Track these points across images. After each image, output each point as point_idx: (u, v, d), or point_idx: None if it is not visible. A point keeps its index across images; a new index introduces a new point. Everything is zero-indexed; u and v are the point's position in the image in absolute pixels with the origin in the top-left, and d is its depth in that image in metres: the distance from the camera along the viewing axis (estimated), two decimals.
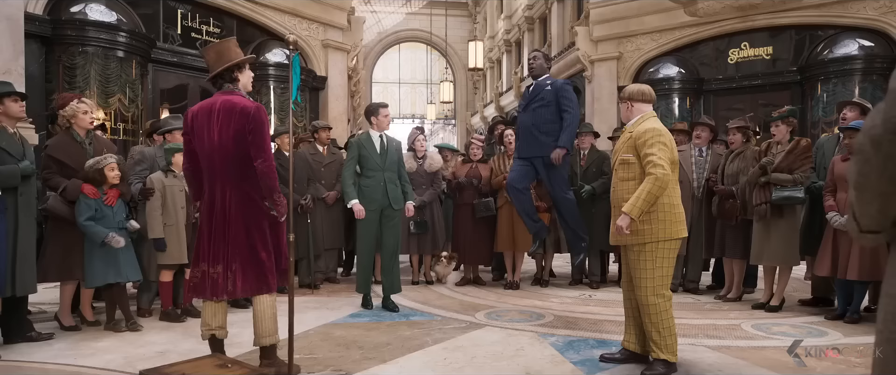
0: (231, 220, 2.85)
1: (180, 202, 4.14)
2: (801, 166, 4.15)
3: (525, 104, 4.90)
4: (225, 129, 2.83)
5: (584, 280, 5.63)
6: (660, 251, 2.97)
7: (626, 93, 3.20)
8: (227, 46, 3.01)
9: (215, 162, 2.87)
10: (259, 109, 2.87)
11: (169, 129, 4.53)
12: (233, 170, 2.85)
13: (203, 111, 2.91)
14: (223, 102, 2.87)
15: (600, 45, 10.72)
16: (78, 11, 7.03)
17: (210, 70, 2.96)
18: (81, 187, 3.76)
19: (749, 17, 9.21)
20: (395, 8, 20.28)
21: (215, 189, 2.89)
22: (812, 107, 8.75)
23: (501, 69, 18.29)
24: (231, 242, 2.85)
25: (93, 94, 7.00)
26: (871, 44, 8.28)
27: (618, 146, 3.20)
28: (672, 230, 2.98)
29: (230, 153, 2.83)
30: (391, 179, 4.51)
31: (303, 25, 9.74)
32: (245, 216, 2.86)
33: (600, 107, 10.62)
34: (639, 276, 3.01)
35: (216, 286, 2.88)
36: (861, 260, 3.72)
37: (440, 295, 5.09)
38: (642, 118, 3.10)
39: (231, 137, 2.82)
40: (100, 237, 3.73)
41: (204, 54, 3.06)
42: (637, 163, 3.02)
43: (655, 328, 2.97)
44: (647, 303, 2.98)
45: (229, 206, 2.85)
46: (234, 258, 2.85)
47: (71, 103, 3.96)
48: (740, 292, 4.75)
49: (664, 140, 2.98)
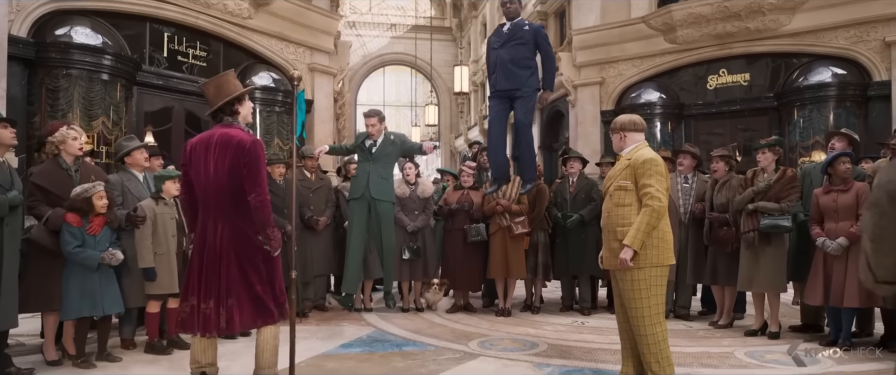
0: (223, 254, 2.81)
1: (171, 230, 4.05)
2: (788, 195, 4.25)
3: (502, 42, 5.22)
4: (220, 162, 2.82)
5: (574, 306, 5.64)
6: (653, 277, 3.01)
7: (618, 123, 3.25)
8: (226, 80, 3.01)
9: (210, 195, 2.85)
10: (255, 143, 2.86)
11: (126, 152, 4.33)
12: (227, 203, 2.83)
13: (201, 143, 2.90)
14: (220, 135, 2.86)
15: (583, 70, 10.91)
16: (63, 34, 6.95)
17: (210, 104, 2.95)
18: (64, 216, 3.66)
19: (726, 44, 9.48)
20: (380, 32, 20.45)
21: (208, 222, 2.86)
22: (789, 132, 8.98)
23: (485, 92, 18.49)
24: (224, 277, 2.80)
25: (76, 117, 6.89)
26: (843, 72, 8.57)
27: (613, 172, 3.24)
28: (663, 256, 3.04)
29: (224, 186, 2.81)
30: (377, 171, 4.83)
31: (289, 49, 9.75)
32: (238, 250, 2.82)
33: (584, 131, 10.77)
34: (635, 305, 3.03)
35: (208, 321, 2.81)
36: (858, 287, 3.79)
37: (432, 323, 5.05)
38: (638, 147, 3.16)
39: (226, 171, 2.80)
40: (94, 260, 3.62)
41: (203, 89, 3.06)
42: (634, 191, 3.07)
43: (655, 358, 2.98)
44: (646, 334, 2.99)
45: (222, 240, 2.82)
46: (228, 293, 2.79)
47: (61, 129, 3.88)
48: (731, 318, 4.80)
49: (661, 170, 3.05)
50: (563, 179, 5.71)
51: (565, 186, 5.55)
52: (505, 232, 5.25)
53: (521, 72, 5.06)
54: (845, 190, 3.95)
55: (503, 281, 5.43)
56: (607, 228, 3.18)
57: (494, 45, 5.31)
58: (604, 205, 3.29)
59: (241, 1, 8.68)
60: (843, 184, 3.96)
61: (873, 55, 8.29)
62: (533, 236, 5.39)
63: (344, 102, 11.85)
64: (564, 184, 5.57)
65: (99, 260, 3.64)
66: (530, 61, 5.14)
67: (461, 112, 20.16)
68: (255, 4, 8.94)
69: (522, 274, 5.35)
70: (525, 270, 5.34)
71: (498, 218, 5.30)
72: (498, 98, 5.19)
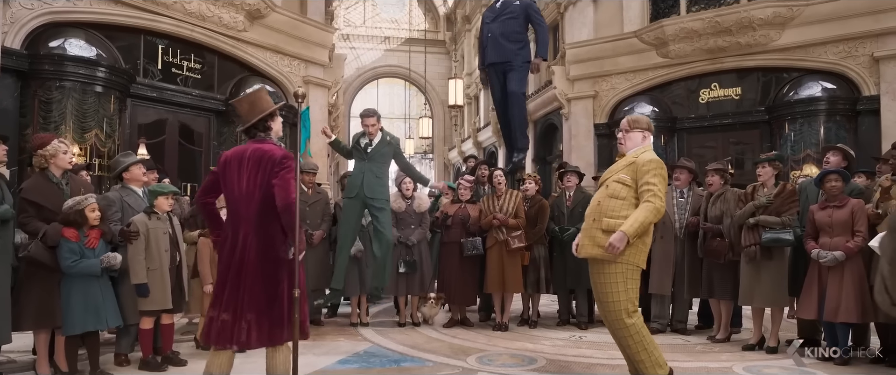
0: (249, 268, 2.85)
1: (164, 245, 4.00)
2: (788, 209, 4.28)
3: (494, 16, 5.51)
4: (252, 177, 2.89)
5: (571, 320, 5.62)
6: (628, 272, 3.09)
7: (643, 122, 3.31)
8: (259, 96, 3.11)
9: (240, 208, 2.91)
10: (286, 155, 2.95)
11: (124, 167, 4.28)
12: (256, 216, 2.88)
13: (235, 157, 2.98)
14: (254, 150, 2.94)
15: (577, 83, 10.99)
16: (56, 46, 6.93)
17: (243, 121, 3.04)
18: (62, 231, 3.62)
19: (718, 59, 9.59)
20: (374, 44, 20.52)
21: (237, 234, 2.91)
22: (780, 146, 9.06)
23: (479, 105, 18.56)
24: (247, 291, 2.83)
25: (69, 130, 6.86)
26: (833, 86, 8.69)
27: (615, 167, 3.30)
28: (638, 258, 3.12)
29: (255, 200, 2.88)
30: (372, 170, 4.89)
31: (284, 62, 9.75)
32: (263, 265, 2.85)
33: (578, 144, 10.83)
34: (611, 299, 3.09)
35: (225, 333, 2.83)
36: (853, 302, 3.81)
37: (429, 338, 5.01)
38: (646, 149, 3.23)
39: (258, 184, 2.87)
40: (95, 268, 3.59)
41: (236, 106, 3.17)
42: (632, 188, 3.12)
43: (642, 347, 3.04)
44: (626, 325, 3.06)
45: (249, 253, 2.86)
46: (249, 307, 2.81)
47: (53, 142, 3.84)
48: (729, 332, 4.81)
49: (664, 174, 3.11)
50: (560, 194, 5.72)
51: (562, 200, 5.56)
52: (502, 247, 5.24)
53: (511, 46, 5.33)
54: (840, 206, 3.98)
55: (500, 296, 5.41)
56: (593, 216, 3.20)
57: (487, 19, 5.59)
58: (595, 195, 3.33)
59: (236, 14, 8.69)
60: (837, 201, 3.99)
61: (862, 70, 8.42)
62: (534, 251, 5.38)
63: (338, 115, 11.87)
64: (561, 199, 5.58)
65: (100, 265, 3.59)
66: (521, 35, 5.40)
67: (455, 125, 20.21)
68: (251, 17, 8.95)
69: (519, 288, 5.34)
70: (522, 284, 5.32)
71: (495, 232, 5.29)
72: (493, 72, 5.42)
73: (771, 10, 8.77)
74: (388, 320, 5.88)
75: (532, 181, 5.58)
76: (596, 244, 3.12)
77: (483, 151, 17.21)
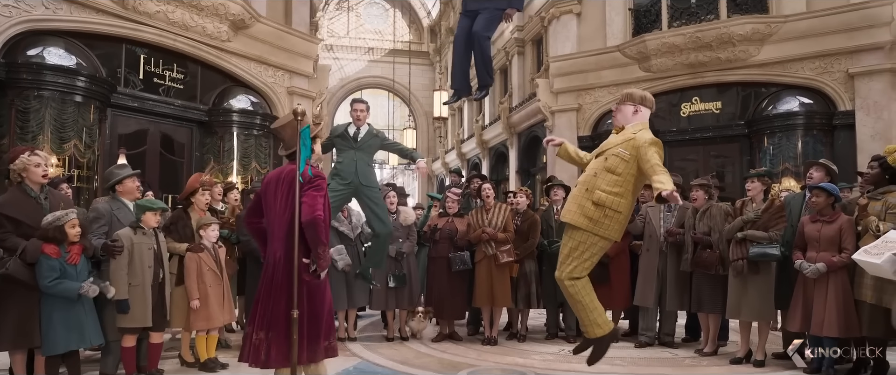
0: (277, 286, 2.96)
1: (148, 261, 3.89)
2: (776, 224, 4.35)
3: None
4: (285, 196, 3.04)
5: (559, 334, 5.61)
6: (596, 245, 3.22)
7: (637, 96, 3.39)
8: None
9: (275, 226, 3.07)
10: (317, 175, 3.08)
11: (118, 180, 4.17)
12: (287, 235, 3.00)
13: (274, 178, 3.16)
14: (289, 171, 3.09)
15: (560, 96, 11.09)
16: (35, 55, 6.79)
17: (287, 146, 3.20)
18: (42, 247, 3.49)
19: (699, 73, 9.77)
20: (358, 55, 20.50)
21: (273, 252, 3.05)
22: (759, 159, 9.26)
23: (462, 117, 18.61)
24: (274, 310, 2.94)
25: (47, 140, 6.70)
26: (810, 101, 8.91)
27: (612, 140, 3.36)
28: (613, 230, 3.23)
29: (286, 218, 3.01)
30: (363, 159, 4.91)
31: (268, 72, 9.68)
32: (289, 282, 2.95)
33: None
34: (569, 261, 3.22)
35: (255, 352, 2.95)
36: (837, 316, 3.87)
37: (418, 353, 4.96)
38: (643, 126, 3.30)
39: (290, 205, 3.00)
40: (73, 291, 3.46)
41: (278, 132, 3.31)
42: (630, 163, 3.20)
43: (581, 307, 3.21)
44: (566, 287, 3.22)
45: (278, 270, 2.99)
46: (273, 325, 2.92)
47: (21, 156, 3.69)
48: (716, 346, 4.85)
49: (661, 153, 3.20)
50: (548, 207, 5.73)
51: (550, 214, 5.57)
52: (491, 261, 5.22)
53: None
54: (830, 221, 4.05)
55: (489, 310, 5.38)
56: (586, 185, 3.26)
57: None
58: (590, 165, 3.39)
59: (220, 24, 8.61)
60: (828, 216, 4.07)
61: (837, 86, 8.65)
62: (524, 265, 5.37)
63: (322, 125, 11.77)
64: (549, 213, 5.59)
65: (78, 291, 3.48)
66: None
67: (440, 136, 20.23)
68: (235, 27, 8.88)
69: (508, 302, 5.32)
70: (510, 299, 5.30)
71: (484, 246, 5.27)
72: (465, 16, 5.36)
73: (750, 27, 8.99)
74: (375, 334, 5.82)
75: (523, 195, 5.59)
76: (583, 213, 3.21)
77: (467, 163, 17.24)
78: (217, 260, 4.32)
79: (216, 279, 4.27)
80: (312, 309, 2.98)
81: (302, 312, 2.93)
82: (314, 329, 2.97)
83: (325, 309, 3.08)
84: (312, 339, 2.96)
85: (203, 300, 4.17)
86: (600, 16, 10.77)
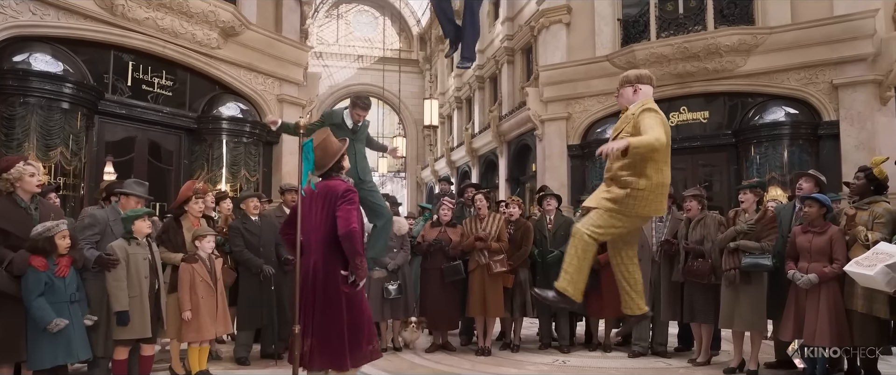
0: (317, 295, 3.11)
1: (144, 271, 3.84)
2: (768, 235, 4.40)
3: None
4: (321, 210, 3.19)
5: (552, 343, 5.61)
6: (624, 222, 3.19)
7: (632, 75, 3.42)
8: (329, 140, 3.37)
9: (312, 239, 3.21)
10: (350, 188, 3.25)
11: (125, 192, 4.15)
12: (324, 246, 3.16)
13: (311, 192, 3.29)
14: (324, 186, 3.27)
15: (550, 105, 11.15)
16: (21, 61, 6.68)
17: (320, 165, 3.30)
18: (29, 260, 3.40)
19: (686, 83, 9.88)
20: (347, 63, 20.49)
21: (311, 263, 3.19)
22: (747, 168, 9.38)
23: (452, 125, 18.65)
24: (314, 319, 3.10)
25: (32, 147, 6.59)
26: (795, 111, 9.05)
27: (619, 124, 3.39)
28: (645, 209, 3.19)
29: (323, 231, 3.15)
30: (359, 150, 4.92)
31: (258, 80, 9.62)
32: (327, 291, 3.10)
33: (551, 165, 10.96)
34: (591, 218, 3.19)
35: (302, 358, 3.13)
36: (829, 326, 3.92)
37: (412, 364, 4.93)
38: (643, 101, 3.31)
39: (326, 216, 3.12)
40: (43, 323, 3.33)
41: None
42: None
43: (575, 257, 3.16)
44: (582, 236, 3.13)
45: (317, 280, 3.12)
46: (313, 332, 3.08)
47: (16, 165, 3.63)
48: (709, 355, 4.88)
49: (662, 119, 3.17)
50: (541, 217, 5.74)
51: (543, 223, 5.58)
52: (484, 270, 5.21)
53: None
54: (821, 232, 4.10)
55: (482, 320, 5.37)
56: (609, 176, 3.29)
57: None
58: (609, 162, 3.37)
59: (210, 31, 8.55)
60: (819, 227, 4.12)
61: (822, 96, 8.80)
62: (518, 274, 5.37)
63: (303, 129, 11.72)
64: (542, 222, 5.60)
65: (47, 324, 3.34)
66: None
67: (430, 144, 20.24)
68: (225, 34, 8.82)
69: (501, 312, 5.31)
70: (503, 308, 5.29)
71: (477, 255, 5.27)
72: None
73: (736, 38, 9.12)
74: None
75: (515, 205, 5.60)
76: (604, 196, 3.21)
77: (457, 171, 17.26)
78: (212, 272, 4.27)
79: (209, 290, 4.21)
80: (353, 317, 3.12)
81: (343, 321, 3.07)
82: (356, 335, 3.12)
83: (364, 316, 3.23)
84: (355, 345, 3.11)
85: (195, 311, 4.11)
86: (589, 26, 10.87)
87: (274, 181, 9.46)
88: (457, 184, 14.98)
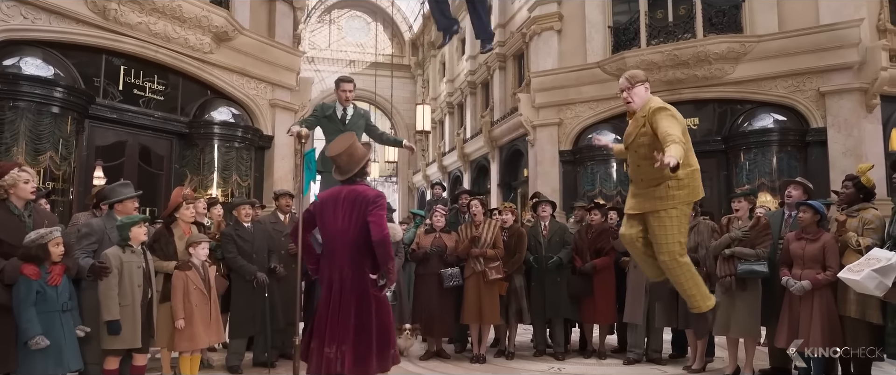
0: (345, 301, 3.09)
1: (137, 280, 3.79)
2: (762, 242, 4.45)
3: None
4: (347, 215, 3.16)
5: (547, 350, 5.62)
6: (685, 215, 3.34)
7: (641, 75, 3.49)
8: (355, 146, 3.35)
9: (337, 245, 3.19)
10: (379, 195, 3.25)
11: (119, 199, 4.10)
12: (352, 251, 3.15)
13: (331, 198, 3.28)
14: (348, 192, 3.23)
15: (542, 111, 11.22)
16: (11, 65, 6.62)
17: (343, 172, 3.29)
18: (21, 268, 3.35)
19: (676, 90, 9.98)
20: (339, 68, 20.46)
21: (334, 269, 3.18)
22: (736, 174, 9.49)
23: (444, 130, 18.67)
24: (343, 322, 3.07)
25: (21, 151, 6.52)
26: (784, 118, 9.18)
27: (631, 130, 3.41)
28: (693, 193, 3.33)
29: (351, 236, 3.14)
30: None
31: (251, 85, 9.60)
32: (357, 296, 3.09)
33: (543, 170, 11.00)
34: (668, 240, 3.29)
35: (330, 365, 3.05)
36: (822, 331, 3.97)
37: (407, 372, 4.92)
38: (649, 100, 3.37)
39: (354, 222, 3.14)
40: (26, 335, 3.25)
41: (335, 159, 3.37)
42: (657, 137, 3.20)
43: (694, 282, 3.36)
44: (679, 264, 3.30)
45: (345, 285, 3.11)
46: (344, 338, 3.04)
47: (11, 171, 3.58)
48: (704, 362, 4.91)
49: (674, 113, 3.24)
50: (535, 223, 5.76)
51: (538, 230, 5.59)
52: (479, 277, 5.21)
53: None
54: (814, 239, 4.16)
55: (477, 327, 5.37)
56: (638, 178, 3.39)
57: None
58: (630, 158, 3.47)
59: (202, 36, 8.52)
60: (812, 234, 4.18)
61: (809, 104, 8.94)
62: (513, 281, 5.37)
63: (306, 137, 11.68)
64: (537, 228, 5.62)
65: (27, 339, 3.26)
66: None
67: (422, 150, 20.25)
68: (218, 39, 8.79)
69: (496, 319, 5.31)
70: (499, 315, 5.30)
71: (472, 262, 5.27)
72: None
73: (725, 46, 9.24)
74: None
75: (509, 212, 5.61)
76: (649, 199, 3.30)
77: (449, 176, 17.27)
78: (205, 279, 4.23)
79: (203, 298, 4.18)
80: (380, 320, 3.13)
81: (372, 325, 3.07)
82: (383, 339, 3.13)
83: (389, 320, 3.24)
84: (382, 349, 3.11)
85: (188, 319, 4.07)
86: (581, 33, 10.96)
87: (266, 186, 9.43)
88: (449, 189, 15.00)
